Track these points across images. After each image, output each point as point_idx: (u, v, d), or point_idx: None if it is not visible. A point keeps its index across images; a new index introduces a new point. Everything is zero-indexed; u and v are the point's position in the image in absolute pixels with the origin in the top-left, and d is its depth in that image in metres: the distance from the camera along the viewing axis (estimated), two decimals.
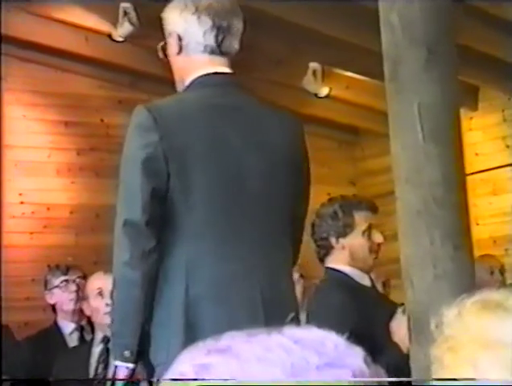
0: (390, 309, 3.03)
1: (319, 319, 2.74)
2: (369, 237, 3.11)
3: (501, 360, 1.15)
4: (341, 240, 3.12)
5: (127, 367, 2.19)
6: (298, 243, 2.51)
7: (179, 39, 2.35)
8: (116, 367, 2.21)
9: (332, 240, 3.13)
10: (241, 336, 0.80)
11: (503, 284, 4.53)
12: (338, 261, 3.13)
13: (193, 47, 2.35)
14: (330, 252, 3.15)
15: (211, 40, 2.33)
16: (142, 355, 2.21)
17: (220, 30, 2.33)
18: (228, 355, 0.77)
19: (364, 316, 2.90)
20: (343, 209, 3.13)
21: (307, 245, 3.27)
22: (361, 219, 3.12)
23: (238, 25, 2.37)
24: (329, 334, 0.80)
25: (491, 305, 1.20)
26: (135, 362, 2.19)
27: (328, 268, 3.17)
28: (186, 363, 0.79)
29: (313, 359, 0.76)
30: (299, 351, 0.76)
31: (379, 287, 4.37)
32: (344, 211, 3.12)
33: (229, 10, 2.36)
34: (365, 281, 3.15)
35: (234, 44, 2.38)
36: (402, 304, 2.90)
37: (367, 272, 3.17)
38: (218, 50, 2.34)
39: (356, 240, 3.11)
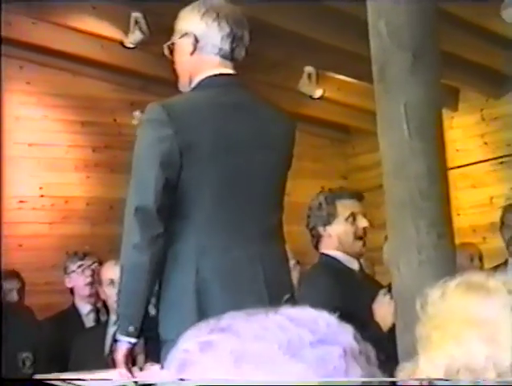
0: (376, 291, 3.02)
1: (306, 299, 2.74)
2: (353, 223, 3.12)
3: (484, 336, 1.14)
4: (328, 228, 3.14)
5: (129, 342, 2.19)
6: None
7: (196, 40, 2.34)
8: (118, 341, 2.21)
9: (320, 229, 3.16)
10: (241, 316, 0.79)
11: (481, 269, 4.52)
12: (328, 247, 3.15)
13: (209, 49, 2.33)
14: (320, 240, 3.18)
15: (226, 45, 2.32)
16: (143, 331, 2.20)
17: (236, 38, 2.33)
18: (229, 334, 0.76)
19: (348, 297, 2.90)
20: (327, 200, 3.16)
21: (304, 235, 3.28)
22: (343, 207, 3.14)
23: (247, 36, 2.38)
24: (322, 313, 0.79)
25: (474, 287, 1.20)
26: (137, 337, 2.19)
27: (321, 253, 3.19)
28: (191, 340, 0.79)
29: (307, 336, 0.75)
30: (293, 328, 0.76)
31: None
32: (327, 202, 3.15)
33: (242, 22, 2.37)
34: (354, 264, 3.16)
35: (242, 52, 2.38)
36: (389, 286, 2.90)
37: (355, 255, 3.17)
38: (230, 55, 2.34)
39: (340, 227, 3.13)
